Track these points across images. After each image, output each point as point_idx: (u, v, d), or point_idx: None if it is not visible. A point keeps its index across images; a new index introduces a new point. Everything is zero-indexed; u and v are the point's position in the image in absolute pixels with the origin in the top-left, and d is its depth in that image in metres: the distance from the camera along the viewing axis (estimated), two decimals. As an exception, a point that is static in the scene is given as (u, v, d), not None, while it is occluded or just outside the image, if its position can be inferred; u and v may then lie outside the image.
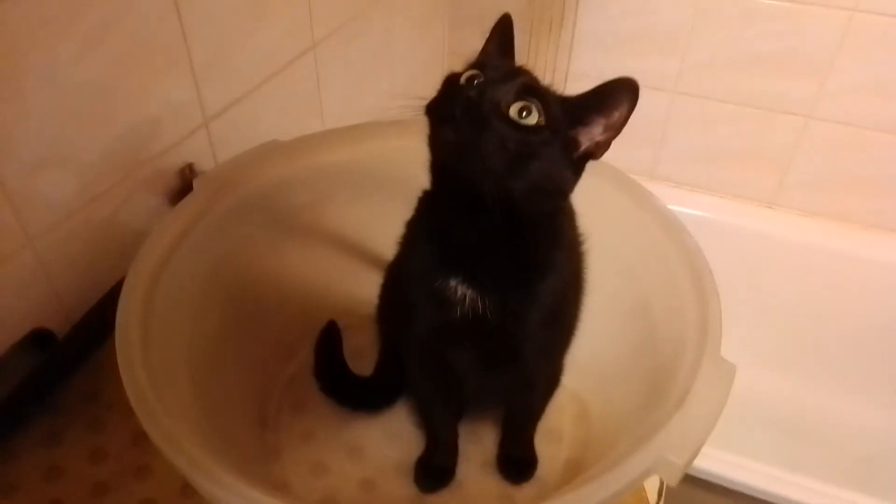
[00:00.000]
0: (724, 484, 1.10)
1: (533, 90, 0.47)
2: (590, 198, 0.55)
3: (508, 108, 0.46)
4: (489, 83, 0.47)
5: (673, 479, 0.44)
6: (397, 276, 0.67)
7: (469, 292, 0.52)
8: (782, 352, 1.55)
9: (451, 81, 0.50)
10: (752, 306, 1.49)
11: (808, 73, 1.31)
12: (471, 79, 0.48)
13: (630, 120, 0.48)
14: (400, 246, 0.62)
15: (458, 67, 0.51)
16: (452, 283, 0.52)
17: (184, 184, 0.74)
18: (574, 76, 1.46)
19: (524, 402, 0.65)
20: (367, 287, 0.72)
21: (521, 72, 0.50)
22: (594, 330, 0.62)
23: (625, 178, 0.66)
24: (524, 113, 0.46)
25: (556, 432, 0.68)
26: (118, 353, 0.48)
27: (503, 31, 0.55)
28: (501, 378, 0.61)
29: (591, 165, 0.51)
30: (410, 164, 0.52)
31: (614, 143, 0.50)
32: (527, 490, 0.64)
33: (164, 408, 0.45)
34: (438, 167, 0.52)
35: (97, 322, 0.64)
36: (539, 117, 0.46)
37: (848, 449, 1.45)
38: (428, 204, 0.56)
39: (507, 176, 0.46)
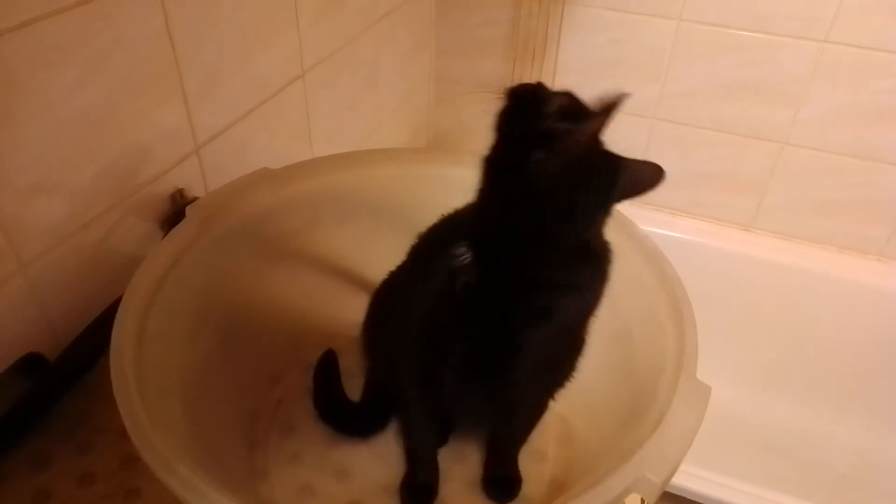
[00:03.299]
0: (706, 502, 1.12)
1: None
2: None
3: None
4: None
5: (651, 497, 0.46)
6: (391, 290, 0.68)
7: (470, 259, 0.52)
8: (761, 370, 1.58)
9: None
10: (732, 326, 1.52)
11: (782, 101, 1.36)
12: None
13: (613, 145, 0.51)
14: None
15: (444, 93, 0.52)
16: (462, 248, 0.52)
17: (174, 209, 0.75)
18: (557, 102, 1.49)
19: (507, 428, 0.66)
20: (354, 310, 0.73)
21: None
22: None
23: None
24: None
25: (540, 452, 0.69)
26: (112, 376, 0.48)
27: None
28: (485, 398, 0.62)
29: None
30: (396, 190, 0.53)
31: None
32: (511, 509, 0.65)
33: (157, 431, 0.46)
34: None
35: (87, 346, 0.64)
36: None
37: (827, 466, 1.47)
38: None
39: None
